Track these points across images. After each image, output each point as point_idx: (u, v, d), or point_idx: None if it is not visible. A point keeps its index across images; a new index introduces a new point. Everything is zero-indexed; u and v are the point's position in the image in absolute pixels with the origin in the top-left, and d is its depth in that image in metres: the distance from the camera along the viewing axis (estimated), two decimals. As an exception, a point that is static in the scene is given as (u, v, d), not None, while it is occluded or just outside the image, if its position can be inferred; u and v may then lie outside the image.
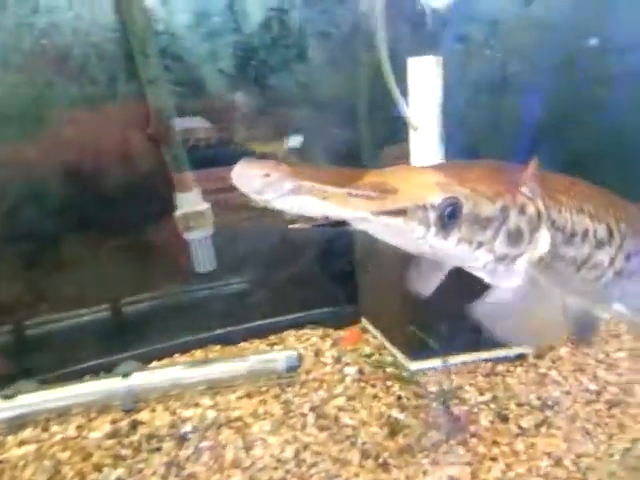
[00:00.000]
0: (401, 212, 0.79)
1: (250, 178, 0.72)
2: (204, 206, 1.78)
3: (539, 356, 1.70)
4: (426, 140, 1.71)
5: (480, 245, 0.85)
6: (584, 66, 1.87)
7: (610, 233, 1.02)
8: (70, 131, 1.65)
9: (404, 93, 1.70)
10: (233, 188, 0.74)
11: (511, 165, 0.98)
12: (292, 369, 1.73)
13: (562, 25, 1.86)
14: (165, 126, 1.68)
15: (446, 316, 1.67)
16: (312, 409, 1.59)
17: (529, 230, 0.89)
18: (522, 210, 0.88)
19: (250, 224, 2.14)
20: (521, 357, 1.70)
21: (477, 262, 0.88)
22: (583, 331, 1.22)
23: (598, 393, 1.53)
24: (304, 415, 1.57)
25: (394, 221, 0.79)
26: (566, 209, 0.96)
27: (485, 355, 1.69)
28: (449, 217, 0.82)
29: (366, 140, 1.96)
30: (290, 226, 0.86)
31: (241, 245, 2.14)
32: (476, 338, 1.67)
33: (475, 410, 1.48)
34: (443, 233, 0.82)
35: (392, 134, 1.79)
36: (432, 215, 0.81)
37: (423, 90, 1.68)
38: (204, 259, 1.82)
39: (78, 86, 1.62)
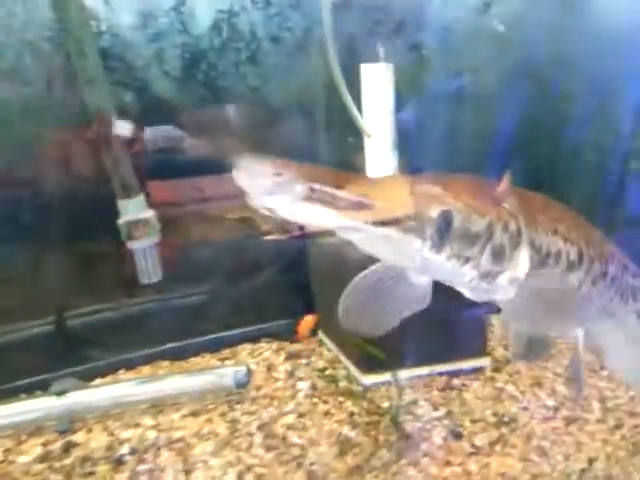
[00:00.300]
0: (399, 223, 0.74)
1: (259, 177, 0.63)
2: (149, 213, 1.69)
3: (497, 369, 1.65)
4: (379, 147, 1.66)
5: (467, 260, 0.82)
6: (538, 78, 1.85)
7: (580, 256, 0.98)
8: (4, 135, 1.56)
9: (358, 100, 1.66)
10: (206, 199, 0.65)
11: (486, 179, 0.94)
12: (241, 385, 1.64)
13: (518, 36, 1.84)
14: (105, 129, 1.59)
15: (400, 328, 1.61)
16: (260, 427, 1.50)
17: (510, 247, 0.86)
18: (505, 227, 0.85)
19: (219, 236, 2.08)
20: (478, 370, 1.64)
21: (463, 278, 0.84)
22: (537, 350, 1.16)
23: (556, 409, 1.48)
24: (251, 434, 1.48)
25: (394, 233, 0.74)
26: (542, 228, 0.93)
27: (440, 368, 1.62)
28: (445, 230, 0.78)
29: (323, 146, 1.90)
30: (266, 237, 0.78)
31: (201, 257, 2.07)
32: (432, 350, 1.62)
33: (428, 427, 1.41)
34: (437, 247, 0.78)
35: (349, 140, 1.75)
36: (429, 228, 0.77)
37: (376, 97, 1.64)
38: (149, 270, 1.73)
39: (11, 86, 1.53)
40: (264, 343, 1.95)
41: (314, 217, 0.67)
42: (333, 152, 1.83)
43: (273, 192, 0.64)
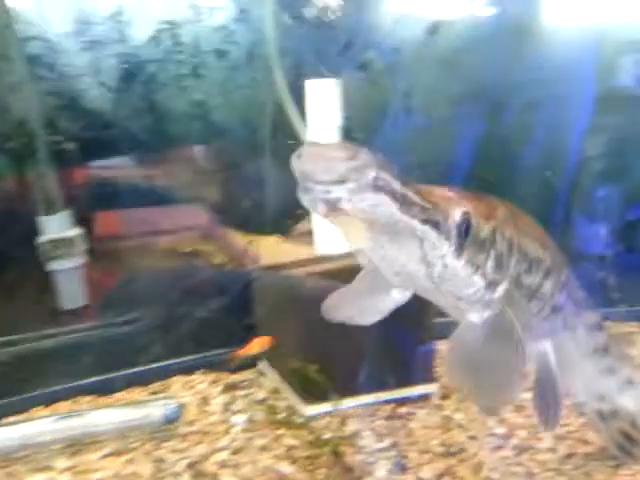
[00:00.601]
0: (437, 225, 0.72)
1: (331, 162, 0.58)
2: (73, 232, 1.56)
3: (445, 396, 1.57)
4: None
5: (477, 268, 0.79)
6: (488, 100, 1.87)
7: (553, 263, 0.98)
8: None
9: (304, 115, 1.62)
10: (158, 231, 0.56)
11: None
12: (171, 420, 1.49)
13: (466, 57, 1.87)
14: (29, 138, 1.47)
15: (346, 355, 1.53)
16: (189, 466, 1.35)
17: (507, 255, 0.84)
18: (502, 233, 0.83)
19: (165, 266, 1.98)
20: (425, 398, 1.55)
21: (472, 288, 0.81)
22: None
23: (505, 438, 1.40)
24: (177, 474, 1.32)
25: (434, 234, 0.71)
26: (525, 235, 0.91)
27: (387, 396, 1.53)
28: (465, 233, 0.76)
29: (267, 161, 1.84)
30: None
31: (139, 286, 1.94)
32: (377, 378, 1.53)
33: (371, 459, 1.30)
34: (459, 251, 0.75)
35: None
36: (454, 230, 0.74)
37: (321, 113, 1.60)
38: (71, 294, 1.58)
39: None
40: (200, 374, 1.80)
41: (375, 208, 0.63)
42: (278, 165, 1.77)
43: (345, 178, 0.59)
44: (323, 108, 1.60)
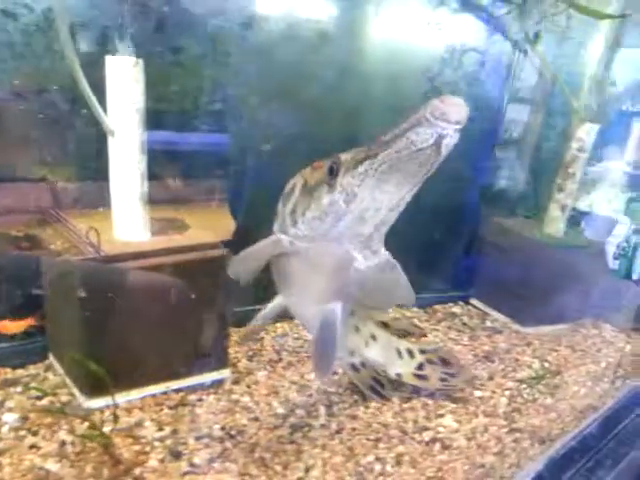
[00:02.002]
0: None
1: (460, 109, 0.81)
2: None
3: (236, 381, 1.62)
4: (124, 146, 1.54)
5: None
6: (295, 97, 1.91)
7: None
8: None
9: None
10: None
11: None
12: None
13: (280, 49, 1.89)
14: None
15: (132, 347, 1.49)
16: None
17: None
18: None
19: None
20: (218, 383, 1.59)
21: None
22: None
23: (285, 417, 1.49)
24: None
25: None
26: None
27: (177, 384, 1.53)
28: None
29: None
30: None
31: None
32: (167, 367, 1.52)
33: (147, 449, 1.30)
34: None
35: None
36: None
37: (121, 93, 1.51)
38: None
39: None
40: (-23, 369, 1.63)
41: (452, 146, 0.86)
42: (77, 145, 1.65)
43: (459, 122, 0.81)
44: (123, 87, 1.51)
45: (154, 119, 1.59)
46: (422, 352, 1.69)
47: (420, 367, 1.66)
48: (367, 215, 0.96)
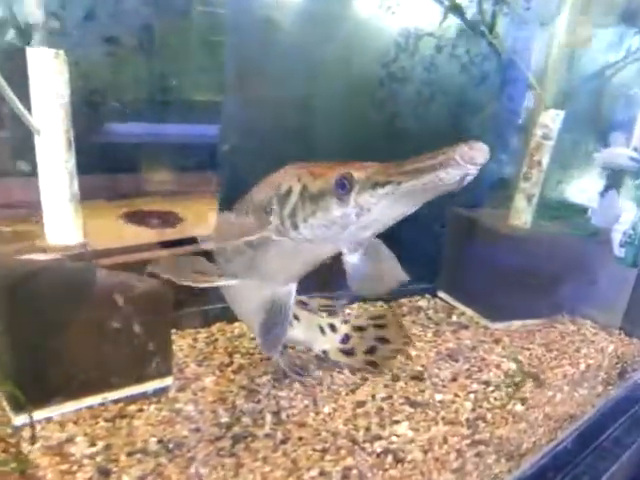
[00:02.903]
0: None
1: (482, 153, 0.87)
2: None
3: (182, 388, 1.54)
4: (51, 145, 1.44)
5: None
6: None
7: None
8: None
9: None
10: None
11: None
12: None
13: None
14: None
15: (64, 357, 1.41)
16: None
17: None
18: None
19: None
20: (161, 391, 1.51)
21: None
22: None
23: (229, 427, 1.41)
24: None
25: None
26: None
27: (117, 395, 1.45)
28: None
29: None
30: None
31: None
32: (105, 376, 1.44)
33: (75, 468, 1.22)
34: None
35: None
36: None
37: (44, 88, 1.41)
38: None
39: None
40: None
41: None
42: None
43: (481, 163, 0.88)
44: (46, 82, 1.41)
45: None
46: (345, 322, 1.70)
47: (345, 340, 1.68)
48: (373, 225, 1.04)
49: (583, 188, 2.77)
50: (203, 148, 2.01)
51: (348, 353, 1.69)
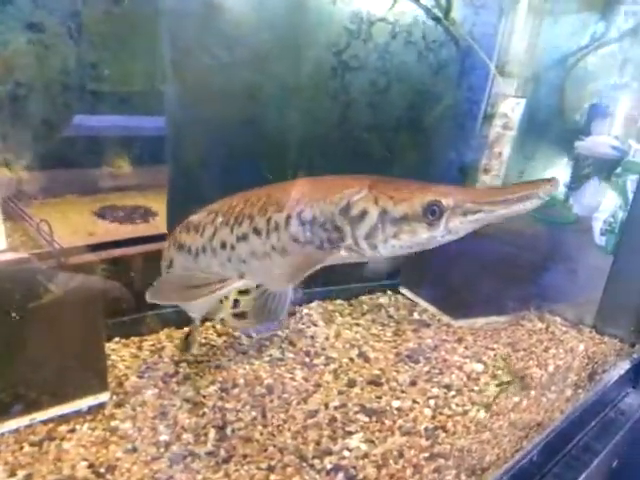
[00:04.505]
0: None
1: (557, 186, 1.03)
2: None
3: (120, 404, 1.43)
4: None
5: None
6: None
7: None
8: None
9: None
10: None
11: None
12: None
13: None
14: None
15: None
16: None
17: None
18: None
19: None
20: (97, 408, 1.40)
21: None
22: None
23: (167, 445, 1.31)
24: None
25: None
26: None
27: (43, 415, 1.34)
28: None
29: None
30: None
31: None
32: (31, 396, 1.32)
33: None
34: None
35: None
36: None
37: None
38: None
39: None
40: None
41: None
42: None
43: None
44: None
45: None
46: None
47: (235, 304, 1.69)
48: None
49: (563, 177, 2.74)
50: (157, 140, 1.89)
51: (239, 316, 1.72)
